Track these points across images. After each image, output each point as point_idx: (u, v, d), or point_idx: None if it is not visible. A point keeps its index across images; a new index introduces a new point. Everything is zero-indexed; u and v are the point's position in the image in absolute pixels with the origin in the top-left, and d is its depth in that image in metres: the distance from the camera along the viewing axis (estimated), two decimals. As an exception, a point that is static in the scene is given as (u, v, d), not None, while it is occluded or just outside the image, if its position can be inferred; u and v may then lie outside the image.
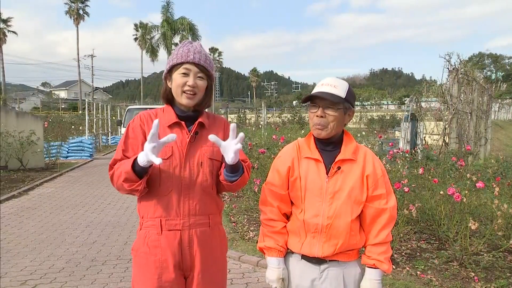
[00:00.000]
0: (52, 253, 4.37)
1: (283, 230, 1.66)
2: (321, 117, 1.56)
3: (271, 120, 26.35)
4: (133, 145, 1.60)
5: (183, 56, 1.60)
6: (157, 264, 1.56)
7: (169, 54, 35.17)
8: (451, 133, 7.50)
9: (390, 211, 1.57)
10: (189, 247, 1.58)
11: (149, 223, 1.59)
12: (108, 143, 19.34)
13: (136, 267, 1.62)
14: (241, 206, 5.98)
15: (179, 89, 1.59)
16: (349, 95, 1.57)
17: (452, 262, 3.73)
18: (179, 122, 1.62)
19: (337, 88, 1.56)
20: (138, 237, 1.63)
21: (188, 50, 1.61)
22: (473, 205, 3.97)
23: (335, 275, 1.59)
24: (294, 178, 1.62)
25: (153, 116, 1.66)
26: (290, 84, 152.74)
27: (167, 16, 34.38)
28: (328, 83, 1.58)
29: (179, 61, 1.59)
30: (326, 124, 1.56)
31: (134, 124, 1.64)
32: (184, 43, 1.68)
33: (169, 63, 1.63)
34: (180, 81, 1.59)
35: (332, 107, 1.55)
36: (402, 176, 4.67)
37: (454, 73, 7.52)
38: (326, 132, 1.57)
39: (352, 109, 1.61)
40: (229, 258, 4.14)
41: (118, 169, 1.53)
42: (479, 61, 73.69)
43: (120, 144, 1.62)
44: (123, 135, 1.64)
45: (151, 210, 1.58)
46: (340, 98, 1.54)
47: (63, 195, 7.53)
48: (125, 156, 1.59)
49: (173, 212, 1.57)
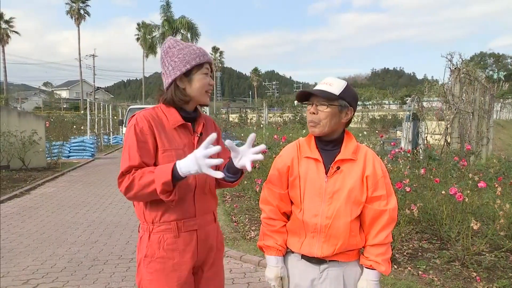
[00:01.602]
0: (54, 252, 4.38)
1: (283, 229, 1.66)
2: (314, 114, 1.56)
3: (272, 120, 26.33)
4: (146, 149, 1.52)
5: (203, 55, 1.58)
6: (176, 267, 1.56)
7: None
8: (453, 133, 7.48)
9: (390, 212, 1.56)
10: (204, 245, 1.63)
11: (162, 227, 1.55)
12: (110, 143, 19.37)
13: (151, 273, 1.56)
14: (243, 206, 5.98)
15: (203, 89, 1.59)
16: (344, 93, 1.55)
17: (454, 262, 3.72)
18: (185, 123, 1.61)
19: (332, 85, 1.56)
20: (150, 243, 1.56)
21: (201, 49, 1.60)
22: (475, 205, 3.96)
23: (335, 276, 1.58)
24: (293, 177, 1.62)
25: (155, 117, 1.58)
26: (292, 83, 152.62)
27: (167, 15, 34.44)
28: (325, 81, 1.59)
29: (202, 61, 1.57)
30: (318, 121, 1.56)
31: (140, 127, 1.53)
32: (179, 41, 1.62)
33: (190, 63, 1.55)
34: (205, 80, 1.59)
35: (324, 103, 1.54)
36: (404, 176, 4.66)
37: (456, 72, 7.50)
38: (319, 129, 1.56)
39: (349, 107, 1.58)
40: (231, 258, 4.14)
41: (142, 177, 1.44)
42: (481, 60, 73.50)
43: (132, 148, 1.50)
44: (130, 138, 1.52)
45: (166, 214, 1.54)
46: (332, 95, 1.53)
47: (65, 195, 7.54)
48: (143, 162, 1.50)
49: (189, 214, 1.57)
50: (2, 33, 43.59)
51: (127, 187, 1.46)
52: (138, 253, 1.62)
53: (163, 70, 1.62)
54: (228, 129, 19.30)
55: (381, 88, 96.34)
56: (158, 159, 1.55)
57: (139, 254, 1.61)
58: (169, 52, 1.59)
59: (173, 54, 1.58)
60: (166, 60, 1.59)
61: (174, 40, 1.64)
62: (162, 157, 1.54)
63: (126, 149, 1.53)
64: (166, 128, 1.58)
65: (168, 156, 1.54)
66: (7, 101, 36.53)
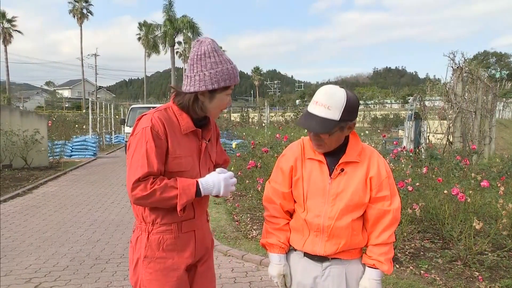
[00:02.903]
0: (56, 251, 4.39)
1: (286, 227, 1.67)
2: (316, 140, 1.54)
3: (274, 119, 26.34)
4: (161, 154, 1.49)
5: (234, 77, 1.54)
6: (175, 266, 1.58)
7: (171, 53, 35.56)
8: (455, 132, 7.47)
9: (394, 212, 1.56)
10: (201, 245, 1.67)
11: (162, 228, 1.56)
12: (112, 142, 19.41)
13: (151, 273, 1.56)
14: (244, 205, 5.99)
15: (221, 108, 1.60)
16: (346, 113, 1.45)
17: (456, 261, 3.71)
18: (196, 130, 1.60)
19: (331, 109, 1.45)
20: (149, 244, 1.55)
21: (234, 69, 1.54)
22: (478, 204, 3.95)
23: (337, 273, 1.59)
24: (297, 178, 1.62)
25: (169, 120, 1.53)
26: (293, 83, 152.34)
27: (169, 15, 34.46)
28: (322, 102, 1.46)
29: (231, 83, 1.53)
30: (322, 144, 1.54)
31: (157, 130, 1.48)
32: (218, 52, 1.51)
33: (219, 83, 1.49)
34: (226, 101, 1.58)
35: (325, 133, 1.49)
36: (406, 175, 4.65)
37: (458, 71, 7.48)
38: (324, 149, 1.56)
39: (352, 122, 1.52)
40: (232, 257, 4.15)
41: (165, 191, 1.44)
42: (483, 59, 73.22)
43: (151, 153, 1.45)
44: (148, 141, 1.46)
45: (167, 216, 1.55)
46: (333, 123, 1.45)
47: (67, 194, 7.56)
48: (159, 170, 1.47)
49: (189, 215, 1.60)
50: (5, 33, 43.72)
51: (145, 196, 1.43)
52: (134, 252, 1.60)
53: (189, 72, 1.52)
54: (230, 128, 19.29)
55: (383, 87, 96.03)
56: (167, 165, 1.52)
57: (135, 254, 1.59)
58: (203, 61, 1.49)
59: (206, 65, 1.49)
60: (197, 66, 1.50)
61: (212, 47, 1.51)
62: (172, 164, 1.52)
63: (143, 152, 1.45)
64: (177, 133, 1.55)
65: (178, 164, 1.53)
66: (10, 100, 36.62)
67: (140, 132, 1.49)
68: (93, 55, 51.58)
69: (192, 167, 1.57)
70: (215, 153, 1.75)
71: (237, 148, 8.72)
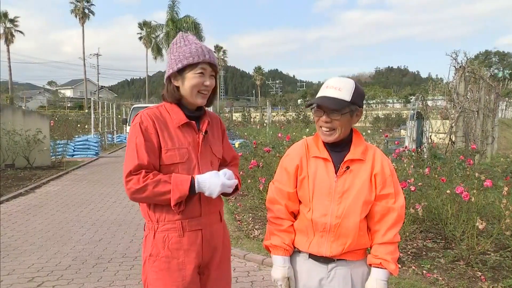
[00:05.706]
0: (58, 250, 4.40)
1: (290, 228, 1.65)
2: (327, 122, 1.54)
3: (276, 119, 26.36)
4: (152, 148, 1.52)
5: (199, 55, 1.54)
6: (181, 267, 1.56)
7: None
8: (458, 132, 7.45)
9: (398, 210, 1.56)
10: (209, 245, 1.62)
11: (167, 226, 1.55)
12: (114, 142, 19.44)
13: (156, 272, 1.57)
14: (246, 205, 5.99)
15: (195, 89, 1.56)
16: (355, 96, 1.51)
17: (458, 261, 3.70)
18: (189, 122, 1.60)
19: (342, 90, 1.50)
20: (155, 242, 1.56)
21: (202, 48, 1.56)
22: (481, 204, 3.93)
23: (342, 274, 1.58)
24: (302, 177, 1.61)
25: (159, 116, 1.57)
26: (295, 82, 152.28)
27: (172, 15, 34.46)
28: (333, 85, 1.53)
29: (196, 61, 1.53)
30: (332, 129, 1.54)
31: (145, 125, 1.53)
32: (185, 38, 1.60)
33: (182, 62, 1.54)
34: (197, 81, 1.55)
35: (336, 112, 1.51)
36: (408, 175, 4.64)
37: (460, 71, 7.46)
38: (334, 136, 1.55)
39: (360, 109, 1.56)
40: (234, 257, 4.15)
41: (157, 186, 1.46)
42: (486, 59, 72.97)
43: (140, 146, 1.50)
44: (137, 136, 1.52)
45: (170, 214, 1.54)
46: (344, 103, 1.49)
47: (69, 193, 7.58)
48: (151, 162, 1.50)
49: (194, 213, 1.58)
50: (7, 33, 43.86)
51: (138, 189, 1.46)
52: (144, 251, 1.63)
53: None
54: (232, 128, 19.30)
55: (385, 87, 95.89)
56: (161, 158, 1.54)
57: (145, 252, 1.61)
58: (171, 49, 1.61)
59: (172, 51, 1.59)
60: (168, 56, 1.61)
61: (180, 36, 1.62)
62: (165, 157, 1.54)
63: (133, 147, 1.51)
64: (170, 127, 1.57)
65: (171, 156, 1.54)
66: (12, 100, 36.77)
67: (130, 129, 1.57)
68: (95, 55, 51.74)
69: (188, 159, 1.56)
70: (218, 146, 1.72)
71: (240, 148, 8.72)
